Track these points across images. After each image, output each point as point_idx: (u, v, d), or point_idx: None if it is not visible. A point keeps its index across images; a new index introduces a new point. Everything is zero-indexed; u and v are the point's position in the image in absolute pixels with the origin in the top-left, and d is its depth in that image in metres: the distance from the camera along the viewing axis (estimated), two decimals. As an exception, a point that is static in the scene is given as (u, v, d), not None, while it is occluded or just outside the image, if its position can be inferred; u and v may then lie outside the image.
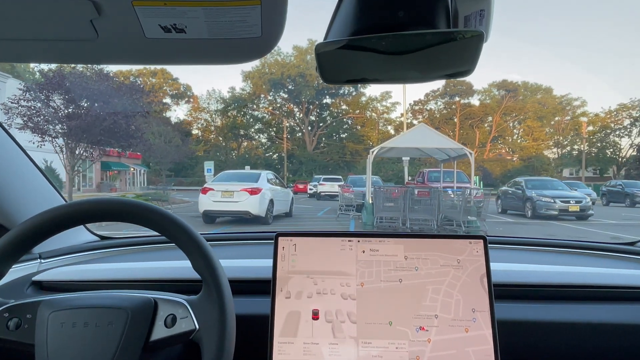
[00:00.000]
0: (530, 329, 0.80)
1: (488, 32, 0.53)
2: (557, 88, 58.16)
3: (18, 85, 12.31)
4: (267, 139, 42.77)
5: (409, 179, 19.12)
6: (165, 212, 0.62)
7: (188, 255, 0.61)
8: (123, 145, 14.72)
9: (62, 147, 12.33)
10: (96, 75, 13.64)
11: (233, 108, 41.75)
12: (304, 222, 10.28)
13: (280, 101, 42.10)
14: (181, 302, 0.61)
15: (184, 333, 0.59)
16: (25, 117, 11.61)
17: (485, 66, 32.72)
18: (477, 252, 0.74)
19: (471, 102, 40.74)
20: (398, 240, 0.76)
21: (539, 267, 0.90)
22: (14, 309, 0.61)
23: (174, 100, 42.16)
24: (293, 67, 39.21)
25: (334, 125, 41.17)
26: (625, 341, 0.80)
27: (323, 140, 41.15)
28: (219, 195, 8.91)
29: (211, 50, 0.59)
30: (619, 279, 0.87)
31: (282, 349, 0.71)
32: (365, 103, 41.97)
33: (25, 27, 0.53)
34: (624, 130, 32.35)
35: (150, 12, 0.48)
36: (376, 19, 0.51)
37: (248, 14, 0.49)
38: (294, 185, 21.38)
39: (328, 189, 18.67)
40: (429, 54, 0.52)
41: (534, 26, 50.76)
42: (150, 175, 27.28)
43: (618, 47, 48.56)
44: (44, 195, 1.03)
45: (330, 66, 0.56)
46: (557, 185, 12.77)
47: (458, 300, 0.71)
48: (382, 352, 0.70)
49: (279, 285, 0.74)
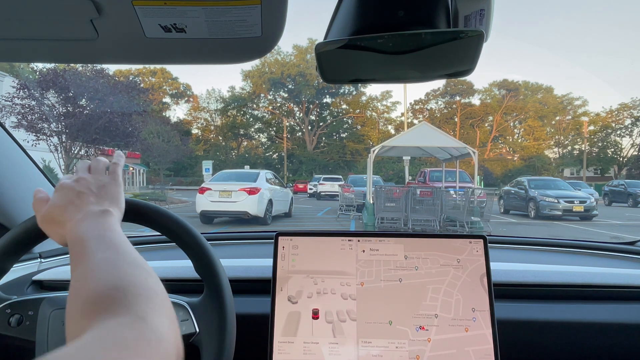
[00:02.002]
0: (530, 328, 0.80)
1: (488, 31, 0.53)
2: (558, 87, 58.25)
3: (12, 83, 12.25)
4: (267, 139, 42.84)
5: (410, 179, 19.11)
6: (168, 212, 0.62)
7: (190, 257, 0.61)
8: (119, 144, 14.67)
9: (56, 146, 12.29)
10: (91, 72, 13.57)
11: (233, 107, 41.78)
12: (304, 223, 10.26)
13: (280, 100, 42.15)
14: (182, 304, 0.61)
15: (183, 336, 0.59)
16: (20, 115, 11.56)
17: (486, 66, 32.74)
18: (477, 251, 0.74)
19: (472, 102, 40.81)
20: (398, 239, 0.76)
21: (539, 267, 0.90)
22: (15, 306, 0.62)
23: (174, 100, 42.25)
24: (293, 67, 39.22)
25: (334, 125, 41.18)
26: (625, 340, 0.80)
27: (323, 140, 41.17)
28: (217, 195, 8.86)
29: (211, 49, 0.59)
30: (619, 279, 0.87)
31: (282, 348, 0.71)
32: (365, 102, 42.00)
33: (25, 27, 0.53)
34: (625, 129, 32.36)
35: (150, 12, 0.49)
36: (376, 19, 0.51)
37: (248, 13, 0.49)
38: (293, 185, 21.37)
39: (328, 188, 18.66)
40: (429, 53, 0.52)
41: (535, 26, 50.75)
42: (150, 174, 27.27)
43: (619, 46, 48.52)
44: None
45: (331, 66, 0.56)
46: (561, 185, 12.69)
47: (458, 299, 0.71)
48: (382, 351, 0.70)
49: (279, 285, 0.74)
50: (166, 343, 0.33)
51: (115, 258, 0.41)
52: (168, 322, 0.35)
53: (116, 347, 0.29)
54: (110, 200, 0.53)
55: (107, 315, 0.33)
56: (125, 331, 0.31)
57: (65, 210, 0.50)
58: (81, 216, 0.49)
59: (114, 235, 0.46)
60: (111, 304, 0.34)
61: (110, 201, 0.53)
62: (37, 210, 0.53)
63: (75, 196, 0.52)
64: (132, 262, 0.41)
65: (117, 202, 0.54)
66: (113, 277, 0.38)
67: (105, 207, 0.51)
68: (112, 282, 0.37)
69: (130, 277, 0.38)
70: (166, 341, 0.33)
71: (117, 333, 0.31)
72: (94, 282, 0.37)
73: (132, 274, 0.39)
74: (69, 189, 0.53)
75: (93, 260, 0.41)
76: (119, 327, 0.31)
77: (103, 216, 0.49)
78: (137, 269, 0.41)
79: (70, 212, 0.50)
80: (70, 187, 0.53)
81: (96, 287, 0.36)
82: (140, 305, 0.35)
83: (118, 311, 0.33)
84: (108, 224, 0.48)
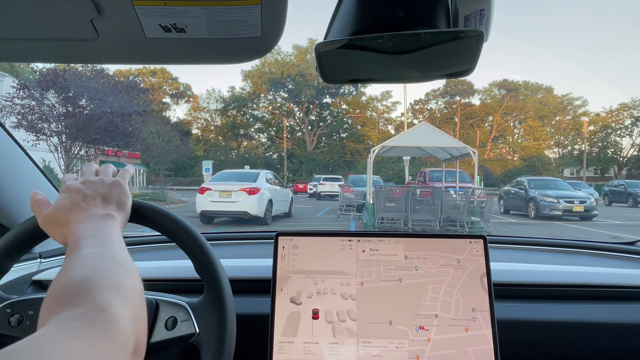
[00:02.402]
0: (530, 328, 0.80)
1: (488, 31, 0.53)
2: (558, 87, 58.27)
3: (11, 83, 12.25)
4: (267, 139, 42.84)
5: (410, 179, 19.11)
6: (168, 212, 0.62)
7: (190, 257, 0.61)
8: (119, 144, 14.67)
9: (56, 146, 12.29)
10: (91, 72, 13.56)
11: (233, 107, 41.79)
12: (304, 223, 10.26)
13: (280, 100, 42.16)
14: (182, 304, 0.61)
15: (184, 336, 0.59)
16: (20, 116, 11.56)
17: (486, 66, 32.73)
18: (477, 251, 0.74)
19: (472, 102, 40.83)
20: (398, 239, 0.76)
21: (539, 267, 0.90)
22: (16, 305, 0.62)
23: (174, 100, 42.27)
24: (293, 67, 39.23)
25: (334, 125, 41.19)
26: (625, 340, 0.80)
27: (323, 140, 41.17)
28: (217, 195, 8.86)
29: (211, 49, 0.59)
30: (619, 279, 0.87)
31: (282, 348, 0.71)
32: (365, 102, 42.01)
33: (25, 27, 0.53)
34: (625, 129, 32.36)
35: (150, 12, 0.49)
36: (376, 19, 0.51)
37: (248, 13, 0.49)
38: (293, 185, 21.37)
39: (328, 188, 18.65)
40: (429, 53, 0.52)
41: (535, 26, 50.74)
42: (150, 175, 27.28)
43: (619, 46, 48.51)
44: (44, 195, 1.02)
45: (331, 66, 0.56)
46: (561, 185, 12.68)
47: (458, 299, 0.71)
48: (382, 351, 0.70)
49: (279, 285, 0.74)
50: (125, 335, 0.33)
51: (98, 255, 0.41)
52: (131, 316, 0.35)
53: (70, 337, 0.29)
54: (116, 205, 0.54)
55: (67, 307, 0.33)
56: (79, 322, 0.31)
57: (71, 211, 0.51)
58: (85, 218, 0.49)
59: (108, 236, 0.46)
60: (74, 296, 0.34)
61: (117, 206, 0.54)
62: (37, 212, 0.54)
63: (82, 199, 0.52)
64: (112, 259, 0.41)
65: (123, 207, 0.55)
66: (85, 271, 0.38)
67: (111, 212, 0.51)
68: (83, 276, 0.37)
69: (102, 272, 0.38)
70: (125, 333, 0.33)
71: (71, 323, 0.31)
72: (66, 276, 0.37)
73: (108, 269, 0.39)
74: (76, 191, 0.53)
75: (76, 257, 0.41)
76: (73, 318, 0.31)
77: (105, 219, 0.49)
78: (116, 265, 0.41)
79: (76, 213, 0.50)
80: (78, 189, 0.53)
81: (65, 281, 0.37)
82: (103, 296, 0.35)
83: (79, 303, 0.33)
84: (107, 227, 0.48)
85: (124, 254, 0.44)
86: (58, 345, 0.28)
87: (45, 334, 0.29)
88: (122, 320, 0.33)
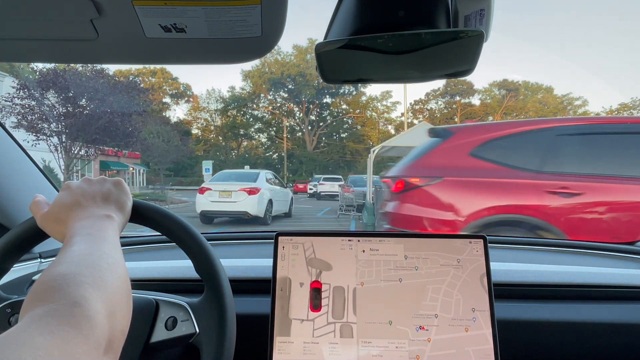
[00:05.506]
0: (530, 328, 0.80)
1: (488, 31, 0.53)
2: (558, 87, 58.39)
3: (11, 83, 12.25)
4: (267, 139, 42.81)
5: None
6: (168, 212, 0.62)
7: (190, 257, 0.61)
8: (119, 144, 14.68)
9: (56, 146, 12.29)
10: (91, 72, 13.56)
11: (233, 107, 41.77)
12: (304, 223, 10.26)
13: (280, 100, 42.14)
14: (182, 304, 0.61)
15: (184, 336, 0.59)
16: (20, 116, 11.56)
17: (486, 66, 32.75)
18: (477, 251, 0.74)
19: (472, 102, 40.81)
20: (398, 239, 0.76)
21: (539, 267, 0.90)
22: (16, 305, 0.62)
23: (174, 100, 42.23)
24: (293, 67, 39.23)
25: (334, 125, 41.17)
26: (625, 340, 0.80)
27: (323, 140, 41.15)
28: (217, 195, 8.86)
29: (211, 49, 0.59)
30: (619, 279, 0.87)
31: (282, 348, 0.71)
32: (365, 102, 42.00)
33: (25, 27, 0.53)
34: (624, 129, 32.31)
35: (150, 12, 0.49)
36: (376, 19, 0.51)
37: (248, 13, 0.49)
38: (293, 185, 21.36)
39: (328, 188, 18.64)
40: (429, 53, 0.52)
41: (535, 25, 50.74)
42: (150, 174, 27.27)
43: (619, 46, 48.51)
44: (44, 195, 1.02)
45: (331, 66, 0.56)
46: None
47: (458, 299, 0.71)
48: (382, 351, 0.70)
49: (279, 285, 0.74)
50: (99, 330, 0.32)
51: (84, 252, 0.41)
52: (108, 312, 0.35)
53: (40, 334, 0.28)
54: (116, 205, 0.54)
55: (41, 304, 0.32)
56: (51, 318, 0.31)
57: (71, 209, 0.51)
58: (84, 216, 0.49)
59: (102, 234, 0.46)
60: (49, 291, 0.34)
61: (117, 206, 0.54)
62: (35, 212, 0.54)
63: (82, 196, 0.52)
64: (98, 256, 0.41)
65: (123, 207, 0.55)
66: (66, 267, 0.37)
67: (110, 213, 0.51)
68: (62, 272, 0.36)
69: (83, 267, 0.38)
70: (100, 328, 0.32)
71: (44, 320, 0.30)
72: (48, 273, 0.37)
73: (90, 265, 0.38)
74: (77, 189, 0.53)
75: (63, 254, 0.40)
76: (46, 314, 0.31)
77: (102, 219, 0.49)
78: (100, 262, 0.40)
79: (75, 211, 0.50)
80: (79, 187, 0.53)
81: (45, 277, 0.36)
82: (78, 291, 0.34)
83: (52, 298, 0.33)
84: (103, 226, 0.48)
85: (113, 252, 0.43)
86: (28, 343, 0.27)
87: (15, 332, 0.28)
88: (97, 316, 0.33)
